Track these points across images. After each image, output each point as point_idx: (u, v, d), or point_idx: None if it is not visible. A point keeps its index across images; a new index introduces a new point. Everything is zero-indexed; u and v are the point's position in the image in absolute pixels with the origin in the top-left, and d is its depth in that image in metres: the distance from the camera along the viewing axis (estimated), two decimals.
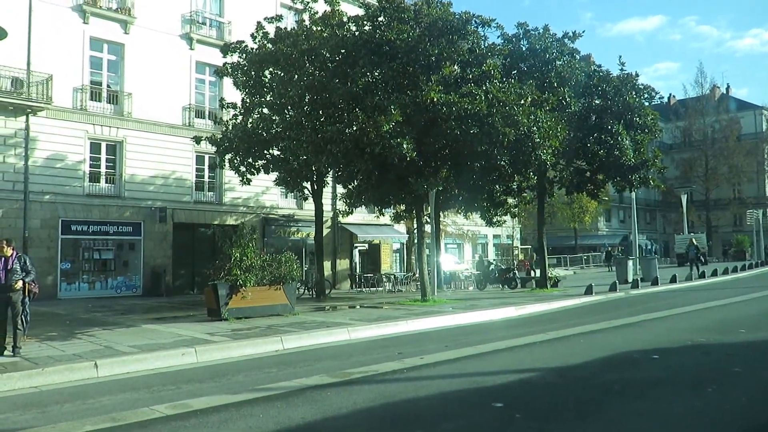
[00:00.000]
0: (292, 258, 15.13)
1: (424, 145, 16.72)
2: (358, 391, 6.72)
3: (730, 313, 14.32)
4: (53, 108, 22.16)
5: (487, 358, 8.81)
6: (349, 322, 13.16)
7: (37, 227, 21.87)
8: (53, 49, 22.34)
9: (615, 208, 62.26)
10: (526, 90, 17.53)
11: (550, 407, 5.86)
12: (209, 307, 14.29)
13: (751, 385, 6.64)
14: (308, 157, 17.83)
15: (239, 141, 19.79)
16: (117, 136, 23.86)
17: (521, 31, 21.91)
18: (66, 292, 22.37)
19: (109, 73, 24.25)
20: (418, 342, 10.78)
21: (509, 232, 45.38)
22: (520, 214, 29.79)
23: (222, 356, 9.54)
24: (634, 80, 23.01)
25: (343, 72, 17.74)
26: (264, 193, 27.41)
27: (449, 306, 16.75)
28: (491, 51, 18.73)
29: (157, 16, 25.07)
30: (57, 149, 22.38)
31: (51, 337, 11.28)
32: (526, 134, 16.48)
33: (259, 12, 22.93)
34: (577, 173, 23.68)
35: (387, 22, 17.90)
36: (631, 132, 21.99)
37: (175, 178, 25.29)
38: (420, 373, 7.69)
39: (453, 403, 6.23)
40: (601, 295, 19.68)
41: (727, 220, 66.72)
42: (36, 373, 7.91)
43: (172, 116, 25.32)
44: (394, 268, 33.44)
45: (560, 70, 21.05)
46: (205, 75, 26.59)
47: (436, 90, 15.84)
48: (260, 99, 20.29)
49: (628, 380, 6.85)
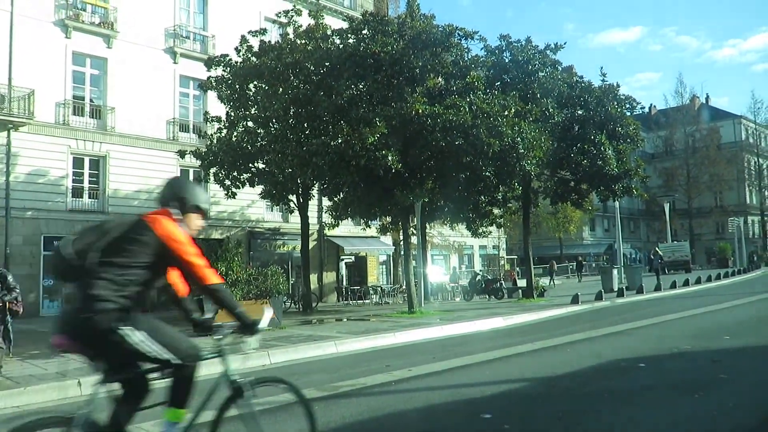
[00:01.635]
0: (278, 271, 15.08)
1: (409, 156, 16.79)
2: (346, 405, 6.67)
3: (714, 320, 14.45)
4: (35, 123, 21.96)
5: (475, 369, 8.79)
6: (336, 335, 13.10)
7: (19, 244, 21.59)
8: (35, 63, 22.19)
9: (599, 218, 62.79)
10: (509, 101, 17.69)
11: (539, 417, 5.85)
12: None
13: (737, 390, 6.69)
14: (293, 170, 17.83)
15: (224, 154, 19.73)
16: (100, 150, 23.68)
17: (504, 43, 22.15)
18: (49, 310, 22.06)
19: (91, 88, 24.12)
20: (406, 354, 10.74)
21: (495, 242, 45.53)
22: (505, 224, 30.00)
23: (207, 372, 9.40)
24: (616, 91, 23.34)
25: (327, 85, 17.79)
26: (249, 206, 27.30)
27: (436, 317, 16.73)
28: (475, 63, 18.91)
29: (140, 30, 25.01)
30: (39, 165, 22.16)
31: (33, 356, 11.09)
32: (510, 145, 16.60)
33: (243, 26, 22.95)
34: (561, 183, 23.89)
35: (371, 35, 18.02)
36: (614, 142, 22.25)
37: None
38: (408, 386, 7.65)
39: (442, 415, 6.20)
40: (588, 304, 19.77)
41: (710, 227, 67.54)
42: (18, 393, 7.76)
43: (156, 130, 25.20)
44: (381, 280, 33.41)
45: (543, 81, 21.29)
46: (189, 89, 26.52)
47: (420, 102, 15.94)
48: (245, 112, 20.27)
49: (616, 388, 6.87)
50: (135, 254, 3.33)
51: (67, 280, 3.46)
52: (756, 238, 69.87)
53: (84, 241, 3.36)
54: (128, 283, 3.29)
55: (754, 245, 66.15)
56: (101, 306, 3.17)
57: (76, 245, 3.37)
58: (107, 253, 3.29)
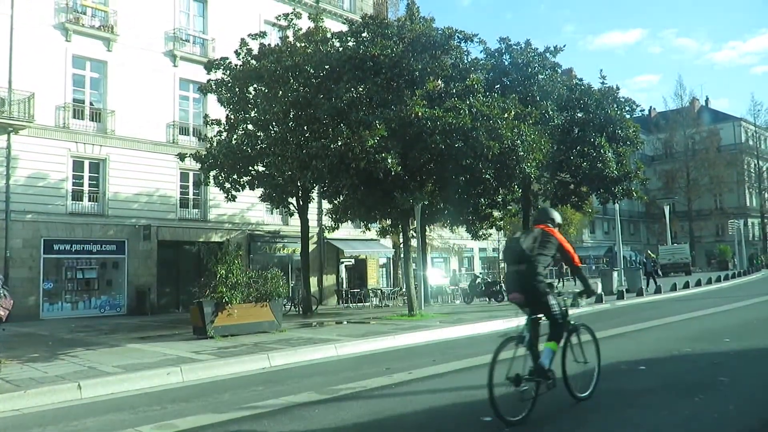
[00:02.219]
0: (278, 274, 15.03)
1: (409, 159, 16.79)
2: (346, 408, 6.67)
3: (714, 322, 14.43)
4: (35, 126, 21.99)
5: (475, 371, 8.77)
6: (336, 338, 13.08)
7: (18, 247, 21.60)
8: (35, 67, 22.23)
9: (599, 220, 62.80)
10: (509, 104, 17.70)
11: (539, 419, 5.84)
12: (195, 326, 14.13)
13: (738, 393, 6.68)
14: (293, 172, 17.82)
15: (224, 157, 19.73)
16: (100, 154, 23.70)
17: (503, 45, 22.19)
18: (48, 313, 22.06)
19: (91, 91, 24.15)
20: (406, 357, 10.73)
21: (495, 245, 45.51)
22: (505, 227, 29.96)
23: (208, 375, 9.42)
24: (615, 93, 23.37)
25: (327, 88, 17.80)
26: (249, 209, 27.31)
27: (437, 320, 16.72)
28: (474, 66, 18.93)
29: (140, 33, 25.05)
30: (39, 168, 22.18)
31: (33, 359, 11.08)
32: (510, 148, 16.60)
33: (242, 29, 22.99)
34: (561, 186, 23.90)
35: (371, 38, 18.04)
36: (614, 144, 22.27)
37: (159, 195, 25.14)
38: (408, 388, 7.65)
39: (442, 418, 6.20)
40: (587, 307, 19.73)
41: (710, 230, 67.55)
42: (18, 396, 7.75)
43: (156, 133, 25.22)
44: (381, 282, 33.40)
45: (542, 84, 21.32)
46: (189, 92, 26.54)
47: (420, 105, 15.94)
48: (244, 115, 20.27)
49: (616, 390, 6.86)
50: (548, 249, 5.96)
51: (513, 262, 5.96)
52: (756, 241, 69.89)
53: (528, 242, 5.89)
54: (547, 264, 5.94)
55: (754, 248, 66.17)
56: (541, 278, 5.80)
57: (525, 243, 5.88)
58: (539, 249, 5.88)
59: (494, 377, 5.38)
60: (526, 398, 5.57)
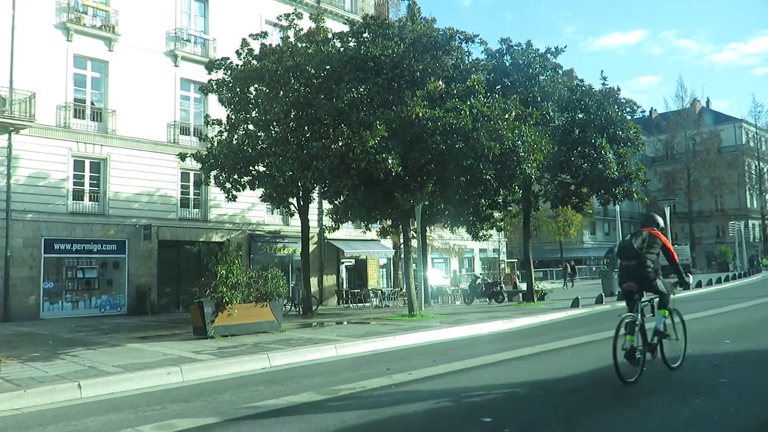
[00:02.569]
0: (278, 274, 15.02)
1: (409, 160, 16.79)
2: (346, 408, 6.67)
3: (714, 323, 14.42)
4: (36, 126, 22.01)
5: (475, 372, 8.78)
6: (336, 338, 13.08)
7: (19, 246, 21.62)
8: (36, 66, 22.25)
9: (600, 221, 62.78)
10: (510, 105, 17.69)
11: (539, 420, 5.85)
12: (195, 325, 14.14)
13: (738, 394, 6.68)
14: (294, 173, 17.83)
15: (224, 157, 19.75)
16: (101, 153, 23.72)
17: (504, 46, 22.17)
18: (49, 312, 22.08)
19: (92, 91, 24.17)
20: (406, 357, 10.73)
21: (495, 246, 45.52)
22: (505, 227, 30.03)
23: (208, 375, 9.42)
24: (616, 94, 23.33)
25: (328, 88, 17.81)
26: (250, 209, 27.32)
27: (437, 321, 16.72)
28: (475, 66, 18.92)
29: (142, 33, 25.07)
30: (40, 167, 22.20)
31: (33, 358, 11.08)
32: (510, 148, 16.60)
33: (243, 29, 23.01)
34: (561, 187, 23.88)
35: (372, 39, 18.04)
36: (614, 145, 22.25)
37: (159, 195, 25.15)
38: (408, 389, 7.65)
39: (442, 418, 6.20)
40: (588, 308, 19.76)
41: (710, 231, 67.50)
42: (18, 395, 7.75)
43: (157, 133, 25.24)
44: (381, 283, 33.40)
45: (543, 84, 21.30)
46: (190, 92, 26.56)
47: (421, 105, 15.94)
48: (245, 115, 20.29)
49: (616, 391, 6.86)
50: (654, 248, 7.47)
51: (627, 258, 7.49)
52: (756, 242, 69.85)
53: (638, 243, 7.43)
54: (655, 259, 7.45)
55: (755, 249, 66.13)
56: (649, 270, 7.35)
57: (636, 244, 7.41)
58: (647, 248, 7.43)
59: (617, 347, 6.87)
60: (638, 365, 7.09)
